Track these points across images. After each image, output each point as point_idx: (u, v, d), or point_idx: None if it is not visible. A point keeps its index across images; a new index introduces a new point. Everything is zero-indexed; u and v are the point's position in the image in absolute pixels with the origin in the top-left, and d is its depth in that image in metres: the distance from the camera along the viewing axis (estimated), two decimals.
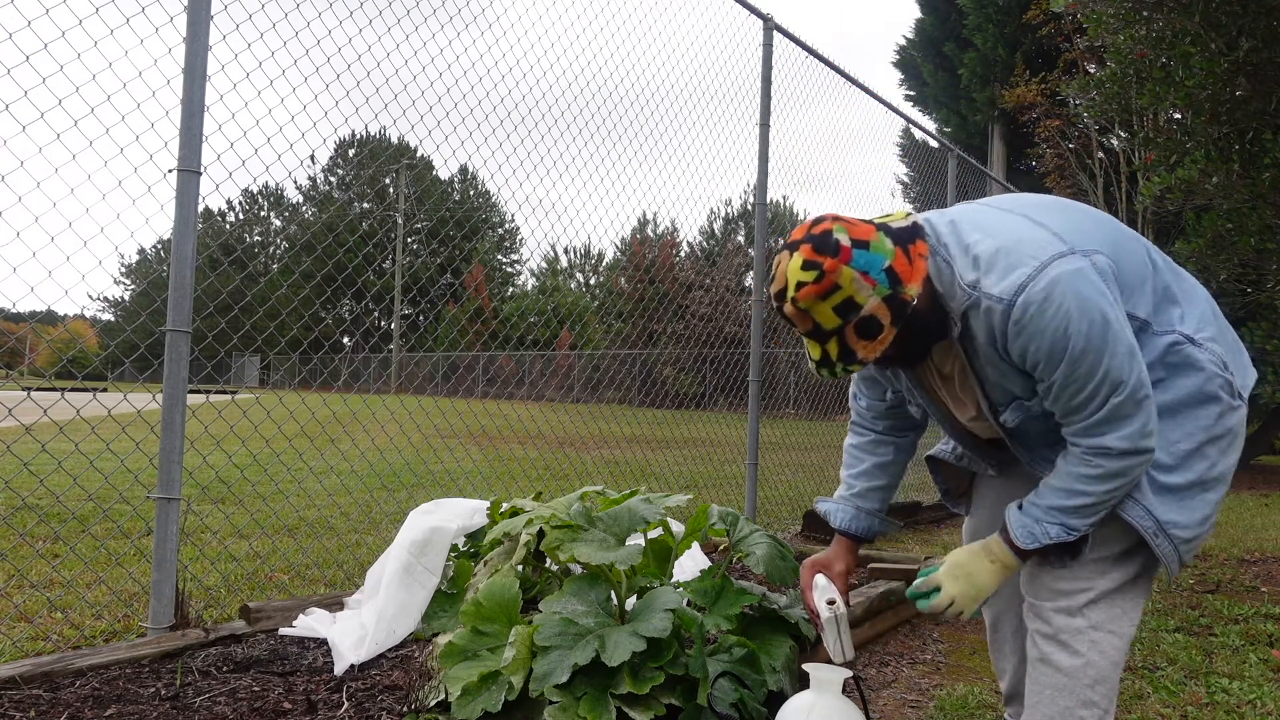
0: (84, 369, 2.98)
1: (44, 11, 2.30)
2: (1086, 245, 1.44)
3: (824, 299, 1.45)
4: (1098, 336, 1.37)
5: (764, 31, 4.64)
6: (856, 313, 1.45)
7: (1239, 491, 8.69)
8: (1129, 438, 1.42)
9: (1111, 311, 1.39)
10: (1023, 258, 1.42)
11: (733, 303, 17.36)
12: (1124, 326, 1.41)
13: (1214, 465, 1.52)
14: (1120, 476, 1.45)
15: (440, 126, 3.35)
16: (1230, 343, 1.57)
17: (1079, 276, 1.39)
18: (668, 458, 8.58)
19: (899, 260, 1.46)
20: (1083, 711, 1.53)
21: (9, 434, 2.77)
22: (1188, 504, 1.51)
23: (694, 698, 1.80)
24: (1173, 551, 1.52)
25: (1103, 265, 1.43)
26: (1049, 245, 1.42)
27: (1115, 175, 13.13)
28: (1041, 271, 1.39)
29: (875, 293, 1.44)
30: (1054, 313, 1.38)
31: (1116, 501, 1.50)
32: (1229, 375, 1.52)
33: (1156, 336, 1.51)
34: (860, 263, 1.44)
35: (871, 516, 1.90)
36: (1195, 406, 1.51)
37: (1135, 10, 5.50)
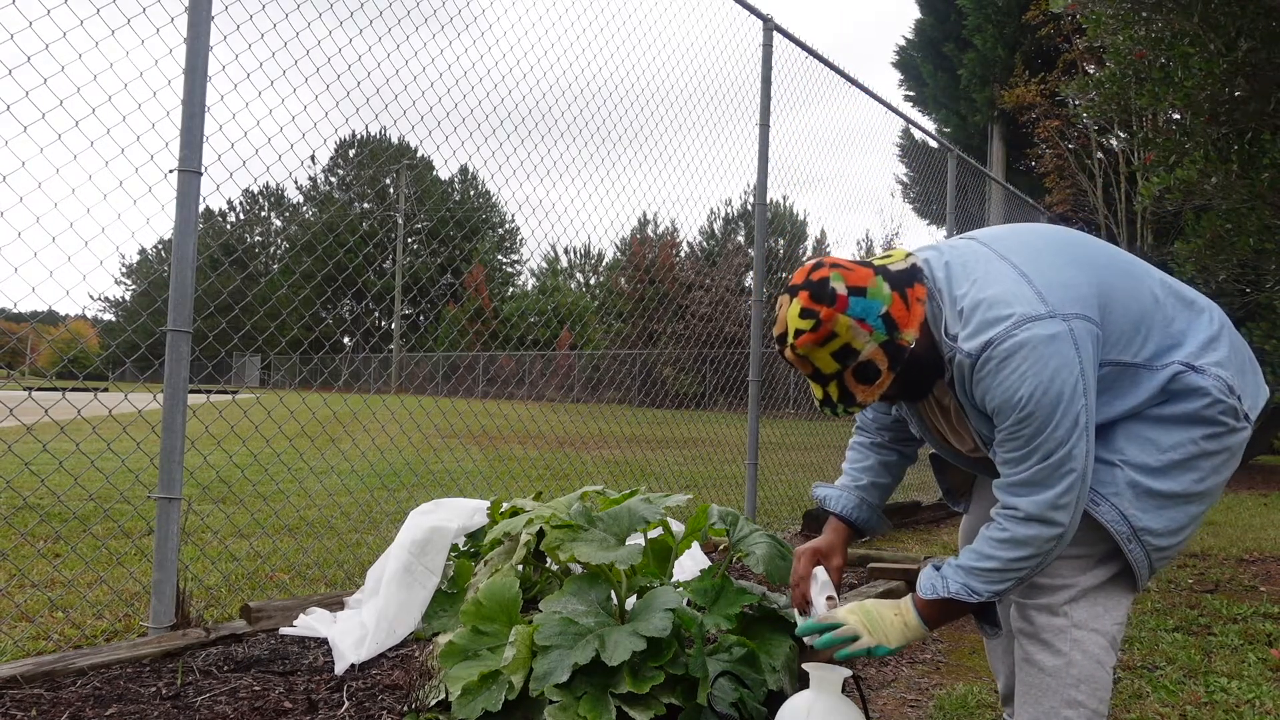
0: (85, 369, 2.98)
1: (45, 12, 2.30)
2: (1069, 308, 1.44)
3: (821, 346, 1.50)
4: (1047, 405, 1.39)
5: (764, 32, 4.64)
6: (854, 358, 1.49)
7: (1239, 491, 8.69)
8: (1038, 504, 1.44)
9: (1069, 384, 1.40)
10: (998, 317, 1.44)
11: (733, 303, 17.36)
12: (1078, 399, 1.41)
13: (1202, 479, 1.51)
14: (1024, 546, 1.46)
15: (440, 127, 3.36)
16: (1242, 363, 1.55)
17: (1047, 343, 1.40)
18: (668, 458, 8.58)
19: (896, 305, 1.50)
20: (1067, 711, 1.52)
21: (10, 434, 2.77)
22: (1167, 513, 1.50)
23: (694, 697, 1.80)
24: (1144, 558, 1.51)
25: (1080, 332, 1.42)
26: (1027, 306, 1.43)
27: (1114, 175, 13.13)
28: (1010, 333, 1.42)
29: (872, 339, 1.48)
30: (1009, 373, 1.41)
31: (1024, 577, 1.49)
32: (1233, 400, 1.50)
33: (1157, 372, 1.50)
34: (857, 310, 1.48)
35: (872, 510, 1.90)
36: (1193, 424, 1.50)
37: (1134, 11, 5.51)
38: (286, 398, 3.93)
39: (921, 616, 1.58)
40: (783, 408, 11.38)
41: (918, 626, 1.58)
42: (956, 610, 1.57)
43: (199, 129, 2.47)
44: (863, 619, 1.59)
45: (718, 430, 7.92)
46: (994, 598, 1.51)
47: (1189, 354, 1.51)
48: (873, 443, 1.94)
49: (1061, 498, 1.43)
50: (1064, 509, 1.43)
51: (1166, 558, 1.53)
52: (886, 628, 1.58)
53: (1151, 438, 1.50)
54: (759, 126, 4.62)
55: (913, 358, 1.51)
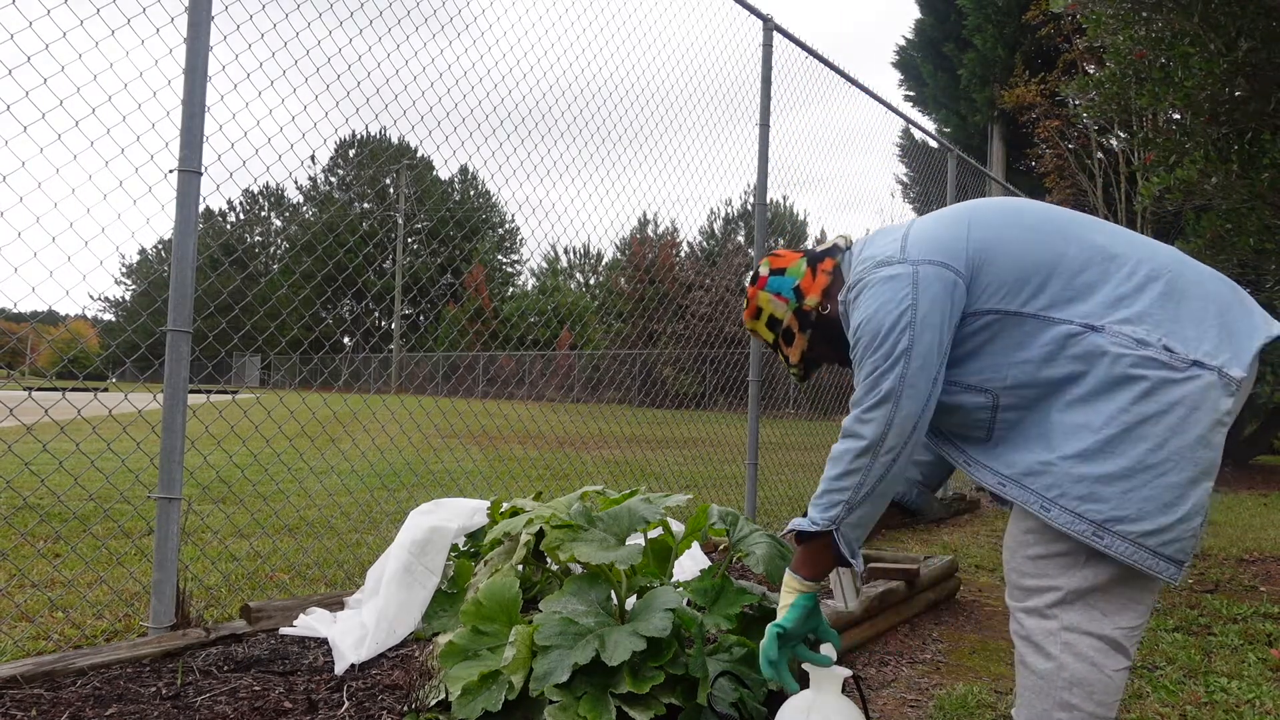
0: (85, 369, 2.98)
1: (45, 12, 2.30)
2: (922, 255, 1.56)
3: (756, 319, 1.86)
4: (869, 332, 1.55)
5: (764, 32, 4.64)
6: (780, 326, 1.83)
7: (1238, 491, 8.69)
8: (850, 419, 1.58)
9: (891, 316, 1.53)
10: (863, 268, 1.63)
11: (733, 303, 17.35)
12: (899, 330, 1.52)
13: (1161, 445, 1.41)
14: (838, 462, 1.58)
15: (440, 127, 3.36)
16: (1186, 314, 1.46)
17: (884, 282, 1.56)
18: (668, 458, 8.58)
19: (805, 279, 1.80)
20: (1060, 714, 1.49)
21: (10, 434, 2.77)
22: (1135, 494, 1.41)
23: (694, 697, 1.80)
24: (1131, 548, 1.41)
25: (925, 274, 1.54)
26: (885, 254, 1.60)
27: (1114, 175, 13.13)
28: (860, 277, 1.62)
29: (788, 308, 1.81)
30: (853, 309, 1.62)
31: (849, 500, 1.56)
32: (1148, 352, 1.42)
33: (1051, 325, 1.49)
34: (773, 286, 1.82)
35: (910, 484, 1.91)
36: (1109, 390, 1.44)
37: (1134, 11, 5.51)
38: (286, 398, 3.94)
39: (791, 568, 1.67)
40: (783, 408, 11.38)
41: (790, 576, 1.66)
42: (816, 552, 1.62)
43: (199, 129, 2.47)
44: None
45: (718, 430, 7.93)
46: (829, 525, 1.56)
47: (1089, 313, 1.47)
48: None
49: (867, 413, 1.54)
50: (868, 424, 1.53)
51: (1177, 539, 1.41)
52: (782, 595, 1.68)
53: (1081, 422, 1.45)
54: (759, 126, 4.62)
55: (821, 319, 1.78)
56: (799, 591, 1.64)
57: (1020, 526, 1.55)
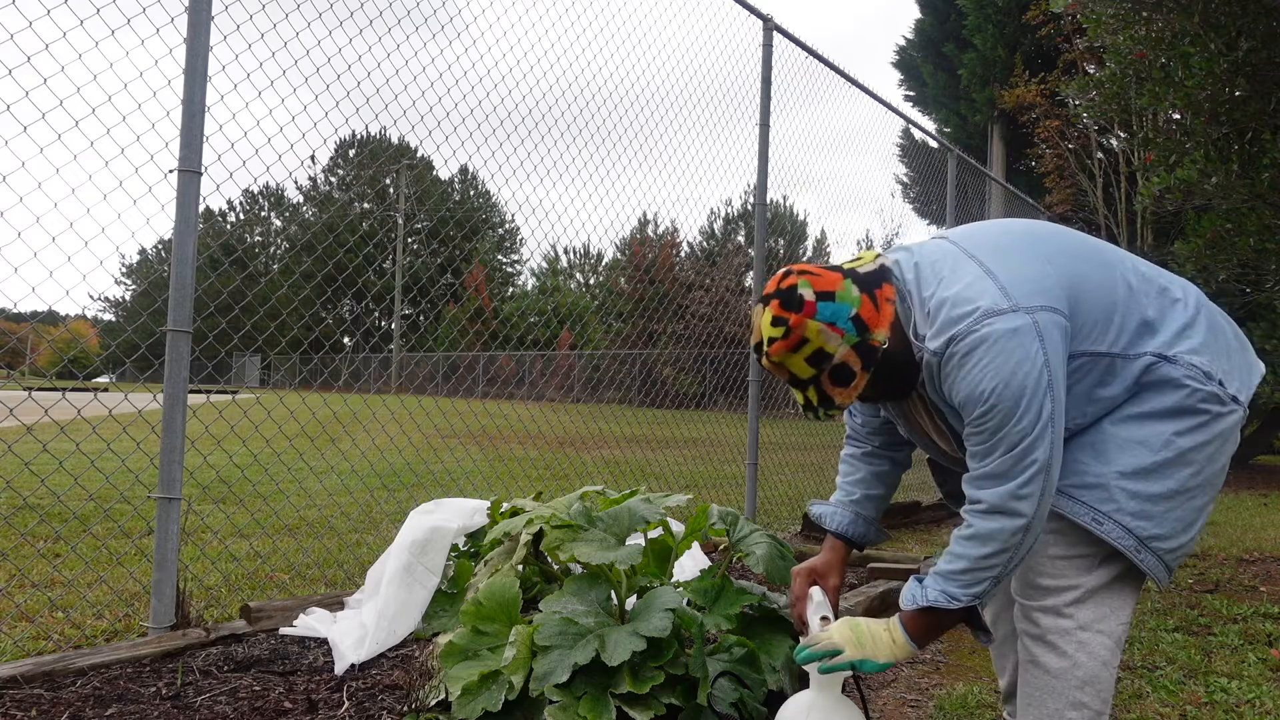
0: (85, 369, 2.98)
1: (45, 12, 2.30)
2: (1033, 301, 1.44)
3: (795, 352, 1.53)
4: (1010, 398, 1.40)
5: (764, 32, 4.64)
6: (829, 362, 1.52)
7: (1238, 491, 8.69)
8: (1000, 495, 1.44)
9: (1031, 376, 1.40)
10: (962, 314, 1.45)
11: (733, 303, 17.35)
12: (1041, 390, 1.40)
13: (1199, 471, 1.50)
14: (990, 541, 1.45)
15: (440, 127, 3.36)
16: (1224, 347, 1.54)
17: (1009, 337, 1.41)
18: (668, 458, 8.58)
19: (865, 307, 1.52)
20: (1071, 713, 1.51)
21: (10, 434, 2.77)
22: (1173, 514, 1.49)
23: (694, 697, 1.80)
24: (1158, 564, 1.50)
25: (1045, 324, 1.43)
26: (990, 301, 1.44)
27: (1115, 175, 13.13)
28: (972, 329, 1.43)
29: (844, 341, 1.51)
30: (971, 367, 1.43)
31: (998, 576, 1.47)
32: (1214, 386, 1.48)
33: (1130, 361, 1.50)
34: (826, 314, 1.51)
35: (868, 524, 1.90)
36: (1174, 416, 1.49)
37: (1135, 11, 5.51)
38: (286, 398, 3.93)
39: (907, 632, 1.56)
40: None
41: (905, 643, 1.56)
42: (942, 621, 1.55)
43: (199, 129, 2.47)
44: (850, 633, 1.58)
45: (718, 430, 7.93)
46: (973, 601, 1.49)
47: (1161, 343, 1.50)
48: (863, 453, 1.93)
49: (1023, 488, 1.42)
50: (1026, 499, 1.43)
51: (1181, 555, 1.52)
52: (875, 643, 1.57)
53: (1139, 440, 1.49)
54: (759, 126, 4.62)
55: (886, 357, 1.54)
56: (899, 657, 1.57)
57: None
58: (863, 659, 1.55)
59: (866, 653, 1.55)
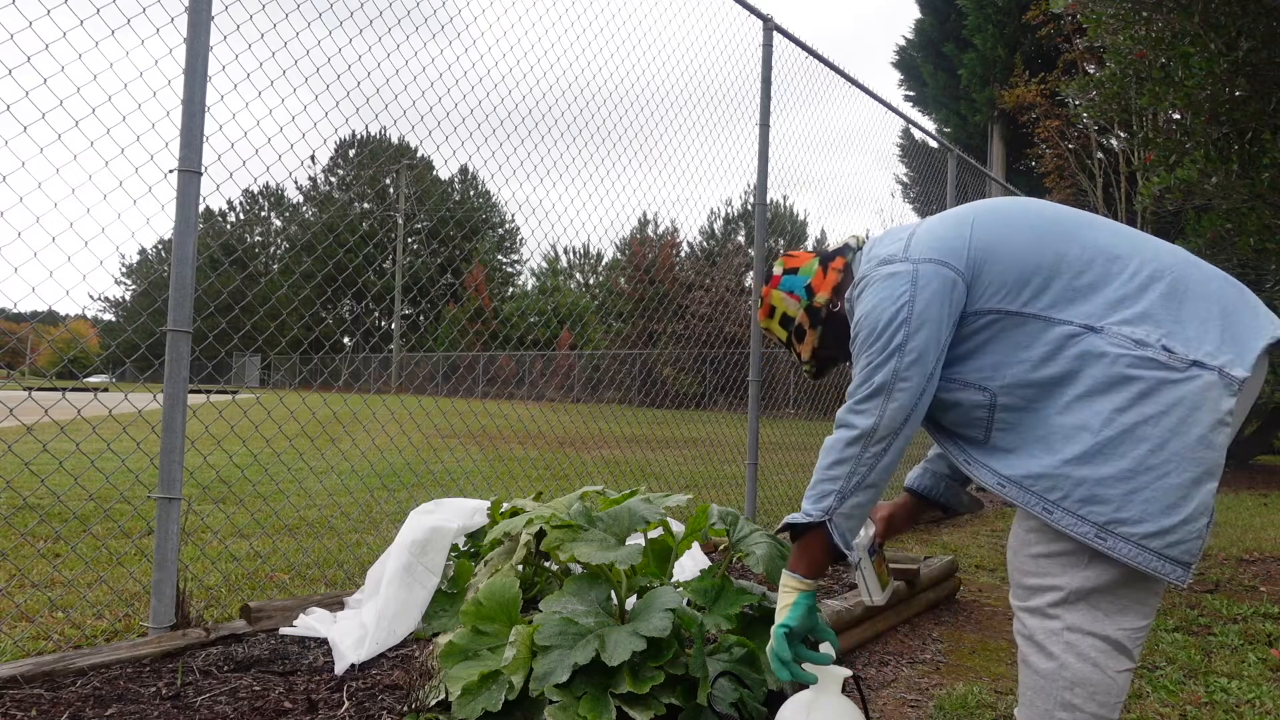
0: (85, 369, 2.98)
1: (45, 12, 2.30)
2: (923, 254, 1.59)
3: (770, 317, 1.90)
4: (866, 327, 1.59)
5: (764, 32, 4.64)
6: (793, 324, 1.86)
7: (1238, 491, 8.69)
8: (843, 409, 1.61)
9: (888, 312, 1.56)
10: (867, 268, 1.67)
11: (733, 303, 17.35)
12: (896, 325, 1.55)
13: (1161, 446, 1.41)
14: (830, 451, 1.60)
15: (440, 127, 3.36)
16: (1190, 314, 1.46)
17: (884, 279, 1.60)
18: (668, 458, 8.58)
19: (816, 276, 1.84)
20: (1061, 714, 1.50)
21: (10, 434, 2.78)
22: (1138, 496, 1.41)
23: (694, 697, 1.80)
24: (1137, 551, 1.41)
25: (925, 272, 1.56)
26: (889, 253, 1.63)
27: (1115, 175, 13.13)
28: (864, 275, 1.66)
29: (800, 306, 1.84)
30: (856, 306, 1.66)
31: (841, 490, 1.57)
32: (1147, 352, 1.42)
33: (1051, 325, 1.50)
34: (785, 285, 1.87)
35: (938, 478, 1.91)
36: (1106, 391, 1.44)
37: (1135, 11, 5.51)
38: (286, 398, 3.93)
39: (788, 567, 1.67)
40: (783, 408, 11.38)
41: (788, 575, 1.66)
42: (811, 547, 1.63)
43: (199, 129, 2.47)
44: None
45: (718, 430, 7.93)
46: (822, 515, 1.58)
47: (1089, 314, 1.48)
48: None
49: (860, 404, 1.57)
50: (861, 414, 1.57)
51: (1180, 542, 1.41)
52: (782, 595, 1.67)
53: (1079, 423, 1.45)
54: (759, 126, 4.62)
55: (831, 316, 1.81)
56: (799, 590, 1.63)
57: (1023, 526, 1.55)
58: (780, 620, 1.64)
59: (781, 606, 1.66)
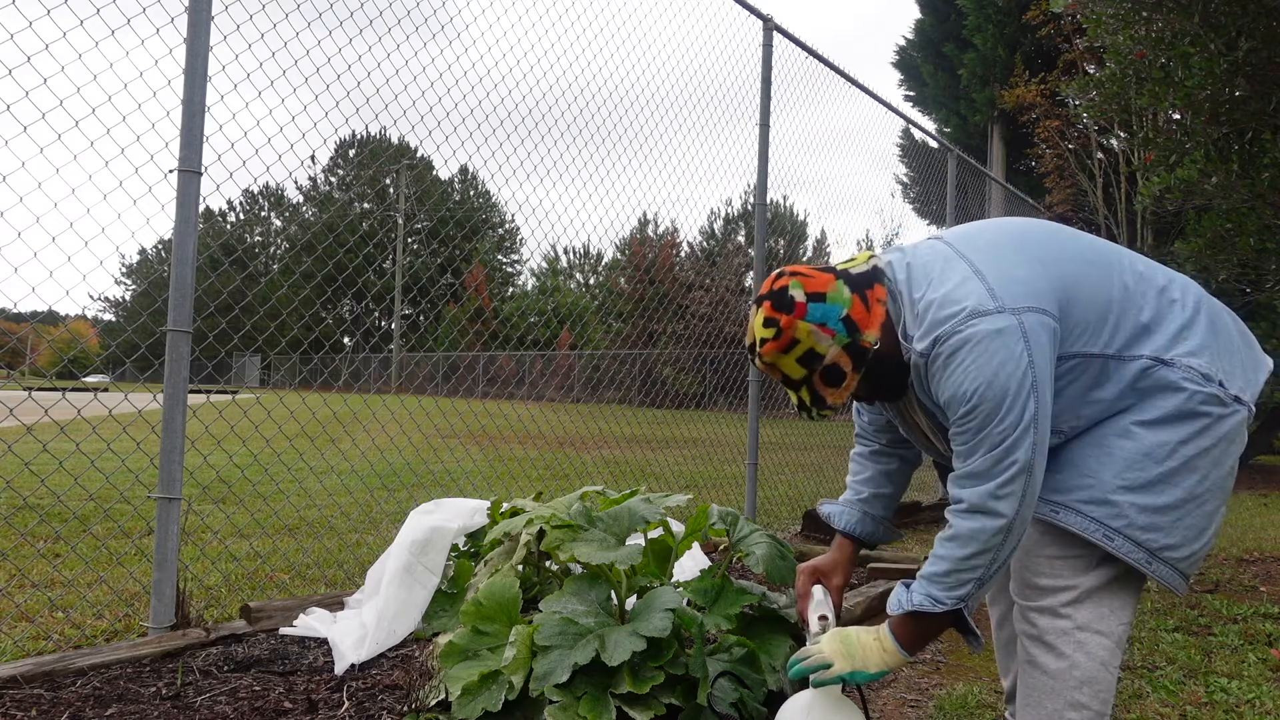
0: (85, 369, 2.98)
1: (45, 12, 2.30)
2: (1020, 302, 1.44)
3: (786, 353, 1.55)
4: (992, 398, 1.40)
5: (764, 32, 4.64)
6: (820, 362, 1.54)
7: (1238, 491, 8.70)
8: (979, 494, 1.44)
9: (1014, 377, 1.40)
10: (948, 315, 1.45)
11: (733, 303, 17.35)
12: (1024, 391, 1.40)
13: (1205, 478, 1.47)
14: (971, 541, 1.46)
15: (440, 127, 3.36)
16: (1225, 346, 1.52)
17: (993, 337, 1.41)
18: (668, 458, 8.58)
19: (856, 308, 1.53)
20: (1070, 714, 1.51)
21: (10, 434, 2.77)
22: (1183, 523, 1.47)
23: (694, 697, 1.80)
24: (1172, 573, 1.48)
25: (1030, 325, 1.42)
26: (976, 301, 1.44)
27: (1115, 175, 13.13)
28: (957, 329, 1.43)
29: (835, 342, 1.53)
30: (955, 367, 1.44)
31: (981, 578, 1.46)
32: (1213, 388, 1.46)
33: (1126, 364, 1.48)
34: (816, 315, 1.53)
35: (877, 522, 1.90)
36: (1176, 422, 1.47)
37: (1134, 11, 5.51)
38: (286, 398, 3.93)
39: (896, 639, 1.55)
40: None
41: (895, 650, 1.55)
42: (930, 626, 1.55)
43: (199, 129, 2.47)
44: (840, 645, 1.58)
45: (718, 430, 7.93)
46: (957, 604, 1.49)
47: (1158, 346, 1.48)
48: (871, 451, 1.93)
49: (1002, 488, 1.42)
50: (1005, 499, 1.42)
51: (1196, 561, 1.50)
52: (865, 654, 1.56)
53: (1145, 453, 1.47)
54: (759, 126, 4.62)
55: (877, 357, 1.54)
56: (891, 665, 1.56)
57: (1036, 528, 1.56)
58: (853, 670, 1.55)
59: (857, 664, 1.55)
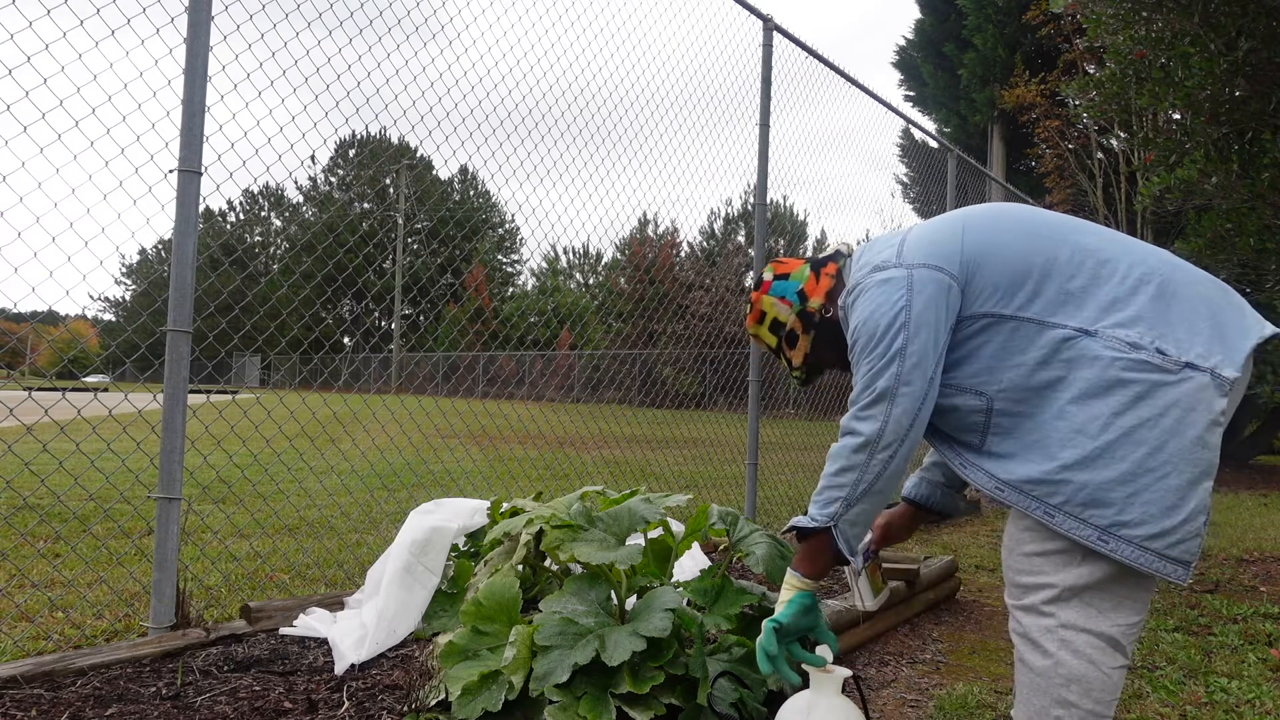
0: (85, 369, 2.98)
1: (45, 12, 2.30)
2: (917, 259, 1.59)
3: (759, 323, 1.89)
4: (865, 334, 1.59)
5: (764, 32, 4.64)
6: (783, 329, 1.86)
7: (1238, 491, 8.69)
8: (847, 416, 1.61)
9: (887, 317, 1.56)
10: (861, 275, 1.66)
11: (733, 303, 17.35)
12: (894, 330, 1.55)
13: (1160, 448, 1.42)
14: (836, 458, 1.60)
15: (440, 127, 3.36)
16: (1180, 315, 1.48)
17: (879, 285, 1.60)
18: (668, 458, 8.58)
19: (809, 282, 1.84)
20: (1058, 711, 1.50)
21: (10, 434, 2.78)
22: (1138, 498, 1.43)
23: (694, 697, 1.80)
24: (1138, 552, 1.43)
25: (920, 277, 1.57)
26: (882, 259, 1.63)
27: (1115, 175, 13.13)
28: (859, 282, 1.65)
29: (792, 311, 1.84)
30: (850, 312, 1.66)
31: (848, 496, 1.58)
32: (1142, 354, 1.44)
33: (1045, 329, 1.51)
34: (777, 290, 1.86)
35: (934, 486, 1.93)
36: (1102, 394, 1.45)
37: (1135, 11, 5.51)
38: (286, 398, 3.93)
39: (791, 565, 1.70)
40: (783, 408, 11.37)
41: (790, 574, 1.69)
42: (813, 548, 1.65)
43: (199, 129, 2.47)
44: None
45: (718, 430, 7.93)
46: (827, 520, 1.59)
47: (1086, 318, 1.49)
48: None
49: (863, 410, 1.57)
50: (865, 420, 1.56)
51: (1180, 541, 1.44)
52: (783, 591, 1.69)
53: (1077, 427, 1.46)
54: (759, 126, 4.62)
55: (825, 322, 1.80)
56: (797, 589, 1.67)
57: (1017, 525, 1.56)
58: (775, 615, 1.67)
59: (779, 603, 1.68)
